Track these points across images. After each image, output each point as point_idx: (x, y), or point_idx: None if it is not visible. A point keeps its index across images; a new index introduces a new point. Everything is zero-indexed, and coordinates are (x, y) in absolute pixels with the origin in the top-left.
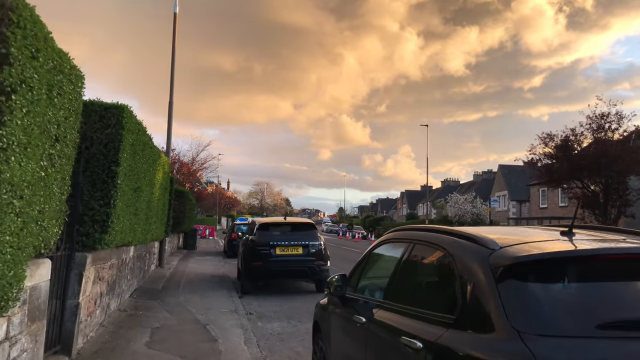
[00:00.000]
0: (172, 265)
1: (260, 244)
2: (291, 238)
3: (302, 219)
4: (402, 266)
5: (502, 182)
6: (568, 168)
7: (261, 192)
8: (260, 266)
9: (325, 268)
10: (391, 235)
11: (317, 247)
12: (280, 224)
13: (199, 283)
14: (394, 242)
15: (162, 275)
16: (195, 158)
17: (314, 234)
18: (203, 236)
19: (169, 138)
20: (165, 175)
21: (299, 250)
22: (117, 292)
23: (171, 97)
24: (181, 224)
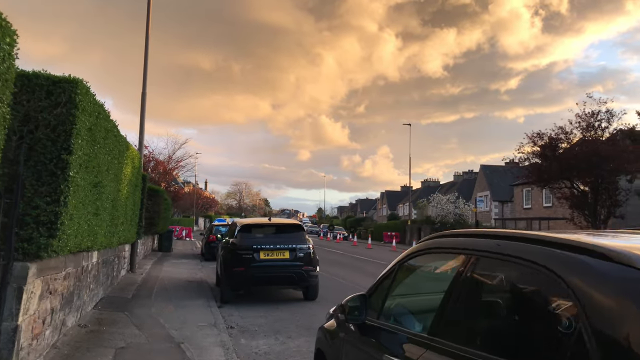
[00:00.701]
0: (145, 269)
1: (242, 247)
2: (276, 241)
3: (289, 219)
4: (459, 289)
5: (484, 182)
6: (558, 167)
7: (239, 192)
8: (242, 272)
9: (314, 274)
10: (433, 243)
11: (305, 251)
12: (264, 225)
13: (174, 290)
14: (438, 252)
15: (133, 281)
16: (172, 156)
17: (302, 236)
18: (179, 237)
19: (142, 131)
20: (135, 170)
21: (286, 254)
22: (76, 305)
23: (144, 86)
24: (155, 225)
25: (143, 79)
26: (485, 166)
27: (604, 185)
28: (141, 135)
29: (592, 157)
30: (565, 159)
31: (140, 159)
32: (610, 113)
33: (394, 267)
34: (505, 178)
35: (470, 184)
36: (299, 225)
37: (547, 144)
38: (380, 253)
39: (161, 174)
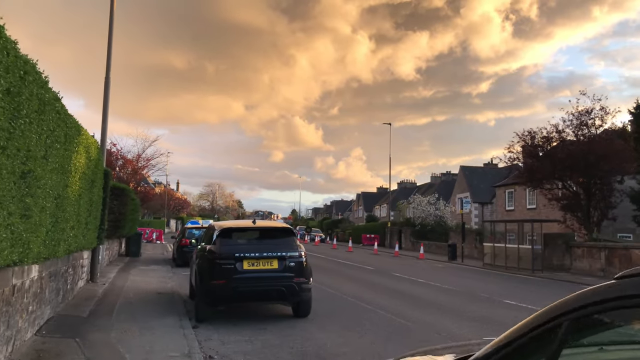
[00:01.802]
0: (108, 278)
1: (223, 255)
2: (263, 248)
3: (277, 222)
4: None
5: (464, 183)
6: (551, 167)
7: (212, 193)
8: (222, 286)
9: (308, 286)
10: None
11: (296, 260)
12: (247, 229)
13: (140, 305)
14: None
15: (92, 293)
16: (141, 154)
17: (292, 242)
18: (149, 240)
19: (105, 120)
20: (92, 163)
21: (274, 263)
22: (4, 337)
23: (108, 70)
24: (121, 227)
25: (107, 60)
26: (465, 167)
27: (597, 185)
28: (104, 125)
29: (588, 156)
30: (559, 158)
31: (99, 149)
32: (604, 111)
33: (552, 321)
34: (485, 179)
35: (448, 185)
36: (289, 230)
37: (540, 142)
38: (363, 257)
39: (130, 174)
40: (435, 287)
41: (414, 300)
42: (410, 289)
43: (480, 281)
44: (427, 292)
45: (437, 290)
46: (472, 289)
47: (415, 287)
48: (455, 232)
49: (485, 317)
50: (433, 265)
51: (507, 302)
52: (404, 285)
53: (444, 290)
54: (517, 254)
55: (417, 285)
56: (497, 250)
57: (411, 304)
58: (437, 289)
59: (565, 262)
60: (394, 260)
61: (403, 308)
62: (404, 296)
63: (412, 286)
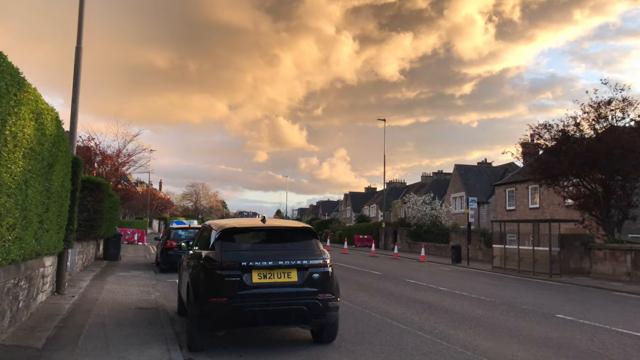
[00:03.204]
0: (79, 288)
1: (225, 265)
2: (277, 254)
3: (293, 221)
4: None
5: (459, 182)
6: (568, 162)
7: (196, 193)
8: (224, 305)
9: (335, 304)
10: None
11: (321, 270)
12: (256, 229)
13: (116, 327)
14: None
15: (56, 310)
16: (122, 150)
17: (314, 246)
18: (131, 242)
19: (75, 97)
20: (49, 140)
21: (292, 275)
22: None
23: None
24: (96, 227)
25: (78, 27)
26: (460, 166)
27: (619, 182)
28: (74, 105)
29: (614, 150)
30: (578, 152)
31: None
32: (627, 101)
33: None
34: (480, 178)
35: (441, 184)
36: (310, 230)
37: (557, 136)
38: (362, 260)
39: (110, 171)
40: (461, 297)
41: (450, 316)
42: (437, 300)
43: (505, 288)
44: (457, 304)
45: (465, 300)
46: (504, 298)
47: (440, 297)
48: (457, 233)
49: (560, 342)
50: (439, 269)
51: (562, 317)
52: (426, 295)
53: (475, 301)
54: (531, 257)
55: (440, 294)
56: (508, 253)
57: (450, 321)
58: (464, 298)
59: (583, 265)
60: (396, 263)
61: (444, 327)
62: (436, 310)
63: (435, 295)
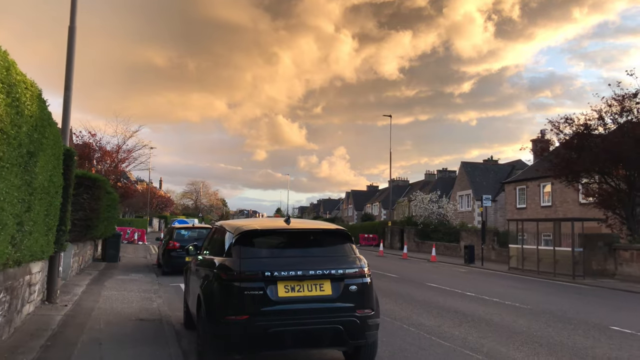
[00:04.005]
0: (74, 295)
1: (245, 275)
2: (307, 262)
3: (323, 223)
4: None
5: (466, 180)
6: (591, 158)
7: (196, 192)
8: (244, 324)
9: (375, 322)
10: None
11: (359, 280)
12: (281, 232)
13: (114, 346)
14: None
15: (45, 324)
16: (121, 146)
17: (350, 252)
18: (131, 241)
19: (69, 80)
20: (29, 122)
21: (325, 287)
22: None
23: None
24: (93, 227)
25: (72, 5)
26: (466, 163)
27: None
28: (67, 91)
29: None
30: (603, 147)
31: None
32: None
33: None
34: (487, 176)
35: (445, 182)
36: (343, 233)
37: (579, 130)
38: (373, 260)
39: (109, 169)
40: (493, 303)
41: (492, 328)
42: (469, 308)
43: (533, 292)
44: (493, 313)
45: (500, 307)
46: (539, 304)
47: (471, 304)
48: (468, 232)
49: None
50: (454, 270)
51: (618, 329)
52: (454, 302)
53: (511, 309)
54: (552, 257)
55: (469, 300)
56: (527, 253)
57: (496, 335)
58: (498, 305)
59: (607, 266)
60: (407, 264)
61: (492, 343)
62: (474, 321)
63: (465, 302)
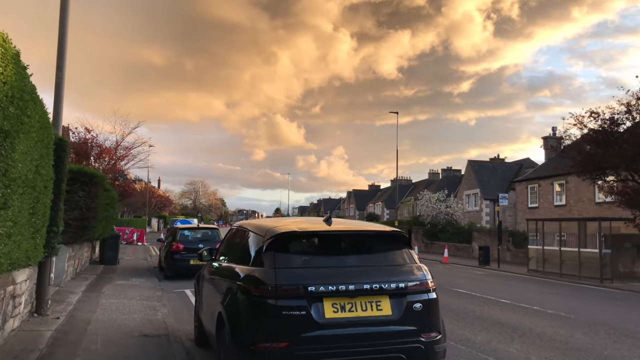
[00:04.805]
0: (67, 304)
1: (282, 290)
2: (358, 274)
3: (373, 224)
4: None
5: (473, 179)
6: (618, 153)
7: (195, 191)
8: (282, 354)
9: (443, 348)
10: None
11: (422, 296)
12: (325, 235)
13: None
14: None
15: (31, 343)
16: (120, 142)
17: (408, 260)
18: (129, 241)
19: (61, 66)
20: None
21: (383, 305)
22: None
23: None
24: (90, 227)
25: None
26: (473, 162)
27: None
28: (59, 72)
29: None
30: (632, 142)
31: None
32: None
33: None
34: (495, 174)
35: (450, 181)
36: (400, 236)
37: (604, 125)
38: None
39: (108, 167)
40: (535, 312)
41: (552, 345)
42: (511, 318)
43: (570, 297)
44: (541, 324)
45: (545, 317)
46: (585, 313)
47: (511, 313)
48: (481, 233)
49: None
50: (472, 272)
51: None
52: (492, 310)
53: (557, 319)
54: (577, 259)
55: (507, 309)
56: (548, 254)
57: (560, 354)
58: (541, 315)
59: (635, 269)
60: None
61: None
62: (524, 334)
63: (503, 311)
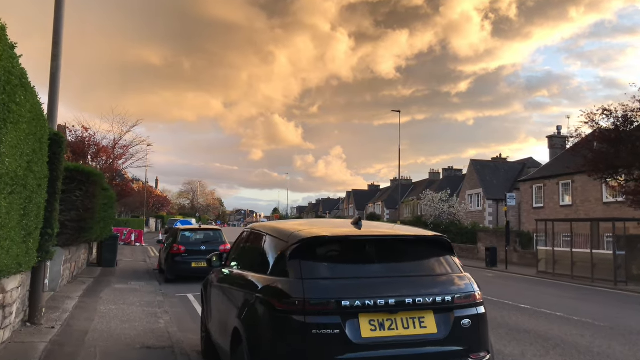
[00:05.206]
0: (63, 311)
1: (312, 306)
2: (397, 285)
3: (409, 228)
4: None
5: (476, 178)
6: (632, 151)
7: (193, 191)
8: None
9: None
10: None
11: (471, 311)
12: (356, 240)
13: None
14: None
15: (22, 357)
16: (118, 141)
17: (452, 267)
18: (127, 242)
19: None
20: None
21: (427, 322)
22: None
23: None
24: (87, 229)
25: None
26: (476, 161)
27: None
28: (55, 62)
29: None
30: None
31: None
32: None
33: None
34: (497, 174)
35: (451, 181)
36: (443, 241)
37: (618, 122)
38: None
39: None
40: (562, 319)
41: (593, 359)
42: (538, 326)
43: (592, 302)
44: (573, 333)
45: (575, 326)
46: (619, 320)
47: (536, 320)
48: (487, 233)
49: None
50: (481, 275)
51: None
52: (515, 317)
53: (591, 327)
54: (589, 261)
55: (530, 315)
56: (558, 256)
57: None
58: (568, 322)
59: None
60: None
61: None
62: (558, 345)
63: (527, 317)
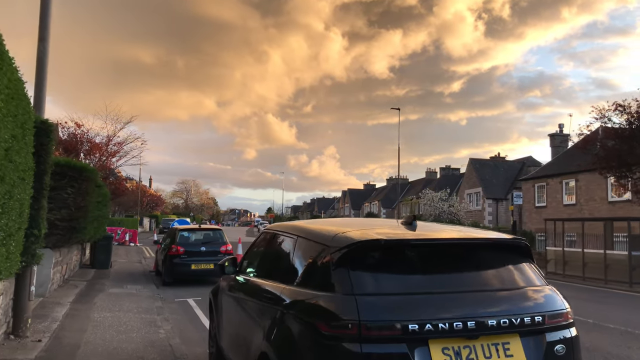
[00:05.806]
0: (52, 320)
1: (369, 331)
2: (472, 302)
3: (475, 230)
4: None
5: (475, 177)
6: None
7: (187, 190)
8: None
9: None
10: None
11: (563, 333)
12: (417, 244)
13: None
14: None
15: None
16: (112, 138)
17: (535, 277)
18: (121, 242)
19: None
20: None
21: (514, 349)
22: None
23: None
24: (79, 229)
25: None
26: (475, 160)
27: None
28: (42, 44)
29: None
30: None
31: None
32: None
33: None
34: (497, 173)
35: (449, 179)
36: (521, 245)
37: (631, 119)
38: None
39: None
40: (598, 328)
41: None
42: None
43: (620, 308)
44: (618, 344)
45: (621, 336)
46: None
47: None
48: None
49: None
50: None
51: None
52: None
53: (631, 337)
54: (601, 262)
55: None
56: (569, 256)
57: None
58: (611, 332)
59: None
60: None
61: None
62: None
63: None
